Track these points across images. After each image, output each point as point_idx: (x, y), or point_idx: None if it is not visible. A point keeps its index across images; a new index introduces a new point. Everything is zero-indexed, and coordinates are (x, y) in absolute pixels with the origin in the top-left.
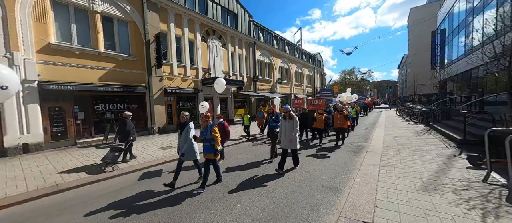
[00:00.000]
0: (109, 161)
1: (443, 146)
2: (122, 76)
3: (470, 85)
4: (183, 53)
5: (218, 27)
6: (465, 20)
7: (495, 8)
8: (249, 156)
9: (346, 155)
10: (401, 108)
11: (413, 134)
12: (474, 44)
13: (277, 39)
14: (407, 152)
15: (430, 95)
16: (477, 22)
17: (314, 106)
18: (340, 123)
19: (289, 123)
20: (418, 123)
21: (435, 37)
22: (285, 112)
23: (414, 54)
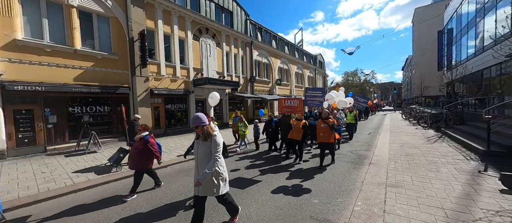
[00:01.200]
0: (114, 162)
1: (461, 158)
2: (101, 76)
3: (481, 87)
4: (173, 52)
5: (212, 25)
6: (475, 17)
7: (510, 5)
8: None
9: (345, 167)
10: (407, 111)
11: (423, 141)
12: (485, 43)
13: (276, 39)
14: (419, 166)
15: (436, 97)
16: (489, 19)
17: (288, 109)
18: (323, 136)
19: (202, 147)
20: (427, 127)
21: (441, 37)
22: (195, 126)
23: (419, 55)
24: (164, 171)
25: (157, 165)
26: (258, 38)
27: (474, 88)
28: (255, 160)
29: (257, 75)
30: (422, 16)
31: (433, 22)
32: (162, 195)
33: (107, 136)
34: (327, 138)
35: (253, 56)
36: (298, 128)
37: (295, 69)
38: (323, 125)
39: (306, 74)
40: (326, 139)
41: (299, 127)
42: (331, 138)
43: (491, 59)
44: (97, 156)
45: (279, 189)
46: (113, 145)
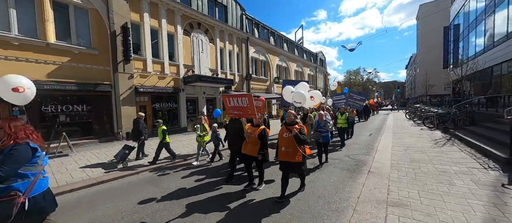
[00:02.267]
0: (120, 158)
1: (478, 167)
2: (79, 72)
3: (491, 84)
4: (161, 47)
5: (204, 19)
6: (484, 12)
7: None
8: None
9: (339, 176)
10: (412, 111)
11: (431, 145)
12: (495, 38)
13: (274, 35)
14: (427, 176)
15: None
16: (499, 14)
17: (236, 112)
18: (286, 152)
19: None
20: (433, 128)
21: (448, 33)
22: None
23: (424, 53)
24: (130, 179)
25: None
26: (255, 34)
27: (482, 86)
28: (207, 177)
29: (253, 73)
30: (427, 12)
31: (438, 19)
32: None
33: (86, 137)
34: (290, 155)
35: (249, 53)
36: (253, 138)
37: (295, 67)
38: (286, 135)
39: (306, 72)
40: (289, 157)
41: (254, 137)
42: (296, 154)
43: (502, 55)
44: (66, 160)
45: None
46: (92, 147)
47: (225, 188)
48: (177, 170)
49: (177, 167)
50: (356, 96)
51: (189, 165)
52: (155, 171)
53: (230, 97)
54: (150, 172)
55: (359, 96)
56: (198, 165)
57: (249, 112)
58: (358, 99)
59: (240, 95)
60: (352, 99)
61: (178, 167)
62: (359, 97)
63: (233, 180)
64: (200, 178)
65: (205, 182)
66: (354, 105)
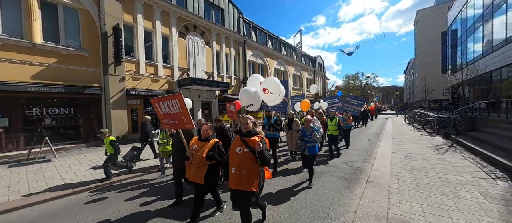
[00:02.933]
0: (128, 159)
1: (484, 176)
2: (67, 74)
3: (491, 89)
4: (155, 49)
5: (200, 22)
6: (482, 17)
7: None
8: None
9: (335, 186)
10: (411, 115)
11: (432, 151)
12: (494, 43)
13: (272, 39)
14: (430, 187)
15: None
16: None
17: (173, 120)
18: (237, 175)
19: None
20: (434, 134)
21: (445, 38)
22: None
23: (422, 58)
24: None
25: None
26: (252, 38)
27: (481, 91)
28: (162, 198)
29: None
30: (425, 18)
31: (436, 24)
32: None
33: (73, 142)
34: (243, 180)
35: (246, 56)
36: (198, 158)
37: (293, 70)
38: (240, 150)
39: (304, 76)
40: (241, 182)
41: (200, 156)
42: (252, 181)
43: (502, 59)
44: (46, 167)
45: None
46: (78, 152)
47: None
48: (132, 187)
49: (133, 184)
50: (353, 100)
51: (150, 180)
52: (96, 192)
53: (160, 102)
54: (92, 193)
55: (356, 101)
56: (164, 181)
57: (184, 121)
58: (355, 104)
59: (169, 97)
60: (348, 103)
61: (134, 184)
62: (356, 101)
63: (181, 204)
64: (151, 200)
65: (157, 204)
66: (350, 111)
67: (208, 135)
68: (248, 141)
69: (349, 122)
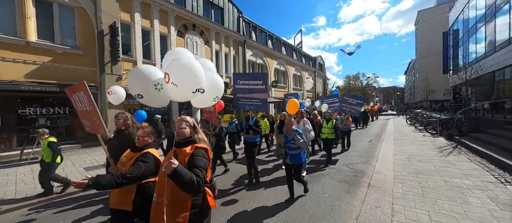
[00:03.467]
0: None
1: (493, 180)
2: (62, 73)
3: (493, 90)
4: (153, 49)
5: (199, 21)
6: (484, 17)
7: None
8: None
9: (336, 190)
10: (412, 116)
11: (436, 153)
12: (497, 43)
13: (272, 39)
14: (436, 192)
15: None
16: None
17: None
18: (157, 206)
19: None
20: (437, 135)
21: (447, 38)
22: None
23: (423, 58)
24: None
25: None
26: (252, 37)
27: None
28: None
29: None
30: (425, 18)
31: (437, 25)
32: None
33: (68, 142)
34: (164, 213)
35: (246, 56)
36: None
37: (293, 71)
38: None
39: (304, 76)
40: (157, 216)
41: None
42: (175, 215)
43: (505, 59)
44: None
45: None
46: (72, 153)
47: None
48: (85, 203)
49: (87, 197)
50: (352, 99)
51: None
52: (36, 210)
53: (73, 94)
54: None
55: (355, 100)
56: None
57: (96, 123)
58: (354, 103)
59: (75, 88)
60: (347, 103)
61: (87, 197)
62: (355, 101)
63: None
64: None
65: None
66: (350, 111)
67: (144, 144)
68: (179, 154)
69: (348, 123)
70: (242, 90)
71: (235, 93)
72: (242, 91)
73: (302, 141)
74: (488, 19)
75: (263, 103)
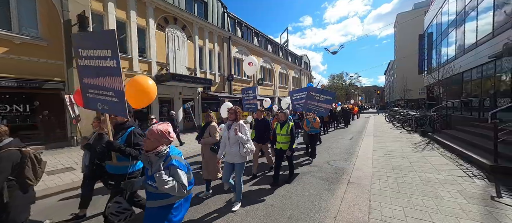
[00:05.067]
0: None
1: (462, 174)
2: (21, 66)
3: (462, 89)
4: (129, 42)
5: (181, 15)
6: (455, 21)
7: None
8: None
9: (316, 188)
10: (391, 114)
11: (411, 149)
12: (466, 45)
13: (258, 36)
14: (411, 187)
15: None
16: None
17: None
18: None
19: None
20: (412, 131)
21: (422, 41)
22: None
23: (401, 59)
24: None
25: None
26: (238, 34)
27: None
28: None
29: (236, 74)
30: (403, 21)
31: (414, 28)
32: None
33: (30, 143)
34: None
35: (231, 52)
36: None
37: (279, 69)
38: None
39: (291, 74)
40: None
41: None
42: None
43: (472, 61)
44: None
45: None
46: None
47: None
48: None
49: None
50: (319, 95)
51: None
52: None
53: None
54: None
55: (323, 96)
56: None
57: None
58: (321, 100)
59: None
60: (313, 100)
61: None
62: (324, 97)
63: None
64: None
65: None
66: (316, 110)
67: None
68: None
69: (315, 125)
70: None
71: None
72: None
73: (170, 187)
74: (458, 24)
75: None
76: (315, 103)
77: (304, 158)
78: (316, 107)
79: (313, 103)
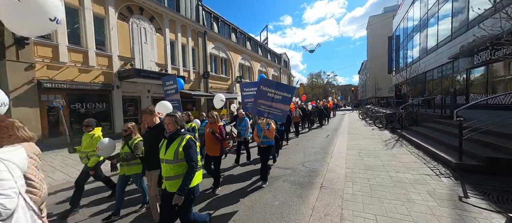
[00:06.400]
0: None
1: (430, 173)
2: None
3: (425, 88)
4: (83, 32)
5: (148, 4)
6: (419, 25)
7: (450, 17)
8: None
9: (287, 194)
10: (364, 111)
11: (382, 147)
12: (429, 47)
13: (236, 32)
14: (383, 189)
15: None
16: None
17: None
18: None
19: None
20: (382, 128)
21: (391, 43)
22: None
23: (373, 59)
24: None
25: None
26: (214, 29)
27: (418, 90)
28: None
29: (213, 71)
30: (375, 24)
31: (384, 30)
32: None
33: None
34: None
35: (207, 48)
36: None
37: (259, 66)
38: None
39: (270, 72)
40: None
41: None
42: None
43: (434, 61)
44: None
45: None
46: None
47: None
48: None
49: None
50: (274, 92)
51: None
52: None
53: None
54: None
55: (280, 93)
56: None
57: None
58: (277, 99)
59: None
60: (266, 99)
61: None
62: (280, 94)
63: None
64: None
65: None
66: (269, 114)
67: None
68: None
69: (269, 134)
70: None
71: None
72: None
73: None
74: (421, 27)
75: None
76: (268, 102)
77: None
78: (270, 108)
79: (265, 103)
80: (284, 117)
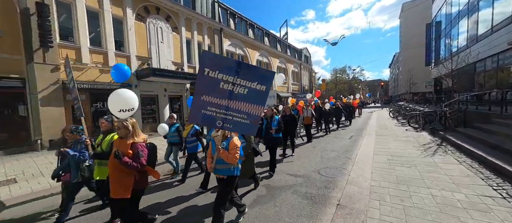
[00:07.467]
0: None
1: (492, 193)
2: None
3: (474, 82)
4: (103, 34)
5: (164, 4)
6: (467, 7)
7: None
8: None
9: (295, 212)
10: (395, 109)
11: (419, 152)
12: (479, 33)
13: (254, 28)
14: (423, 215)
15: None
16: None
17: None
18: None
19: None
20: (419, 129)
21: (430, 30)
22: None
23: (406, 50)
24: None
25: None
26: (230, 26)
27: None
28: None
29: None
30: (409, 10)
31: (420, 18)
32: None
33: None
34: None
35: (223, 46)
36: None
37: (277, 63)
38: None
39: (290, 68)
40: None
41: None
42: None
43: (486, 50)
44: None
45: None
46: None
47: None
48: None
49: None
50: (232, 79)
51: None
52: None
53: None
54: None
55: (245, 83)
56: None
57: None
58: (242, 94)
59: None
60: (214, 96)
61: None
62: (246, 85)
63: None
64: None
65: None
66: (225, 124)
67: None
68: None
69: (228, 158)
70: None
71: None
72: None
73: None
74: (471, 9)
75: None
76: (221, 101)
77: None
78: (226, 110)
79: (216, 102)
80: (254, 128)
